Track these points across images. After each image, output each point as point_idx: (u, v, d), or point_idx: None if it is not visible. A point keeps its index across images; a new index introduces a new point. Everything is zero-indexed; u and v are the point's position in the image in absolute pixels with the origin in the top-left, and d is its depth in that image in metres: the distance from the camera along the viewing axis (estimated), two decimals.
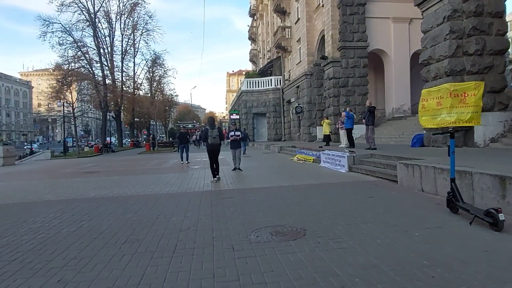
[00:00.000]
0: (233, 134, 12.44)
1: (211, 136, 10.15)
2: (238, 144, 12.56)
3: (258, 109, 37.92)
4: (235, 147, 12.45)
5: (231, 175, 11.22)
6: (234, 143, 12.46)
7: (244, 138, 13.05)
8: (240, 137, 12.57)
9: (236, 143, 12.46)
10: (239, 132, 12.71)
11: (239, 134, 12.58)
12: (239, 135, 12.50)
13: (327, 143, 18.47)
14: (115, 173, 13.50)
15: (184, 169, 13.77)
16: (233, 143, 12.48)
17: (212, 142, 10.19)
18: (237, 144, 12.50)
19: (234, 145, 12.46)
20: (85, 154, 29.24)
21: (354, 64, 22.76)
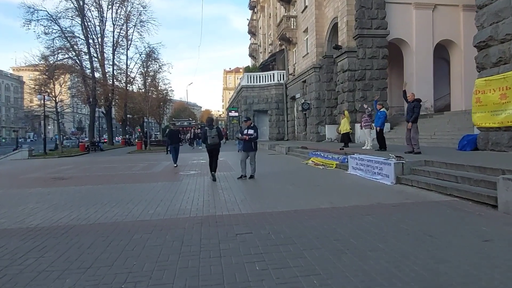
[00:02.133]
0: (247, 133, 9.86)
1: (210, 136, 9.89)
2: (252, 145, 9.89)
3: (259, 106, 35.22)
4: (248, 149, 9.92)
5: (240, 187, 8.51)
6: (247, 144, 9.89)
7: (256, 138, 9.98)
8: (253, 136, 9.84)
9: (249, 144, 9.87)
10: (253, 131, 9.87)
11: (253, 132, 9.84)
12: (252, 134, 9.80)
13: (346, 143, 15.80)
14: (90, 180, 10.74)
15: (177, 176, 10.99)
16: (246, 145, 9.93)
17: (211, 142, 9.93)
18: (250, 146, 9.88)
19: (246, 147, 9.94)
20: (68, 153, 26.37)
21: (372, 55, 20.13)
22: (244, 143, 9.98)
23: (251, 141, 9.81)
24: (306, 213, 5.57)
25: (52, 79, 26.27)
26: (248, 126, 10.00)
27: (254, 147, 9.93)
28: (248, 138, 9.75)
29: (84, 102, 38.74)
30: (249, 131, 9.80)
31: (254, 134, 9.80)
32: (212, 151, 10.06)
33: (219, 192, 7.76)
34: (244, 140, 9.90)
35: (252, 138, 9.78)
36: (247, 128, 9.96)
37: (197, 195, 7.48)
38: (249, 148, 9.84)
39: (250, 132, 9.79)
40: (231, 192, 7.74)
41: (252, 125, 10.04)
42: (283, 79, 34.57)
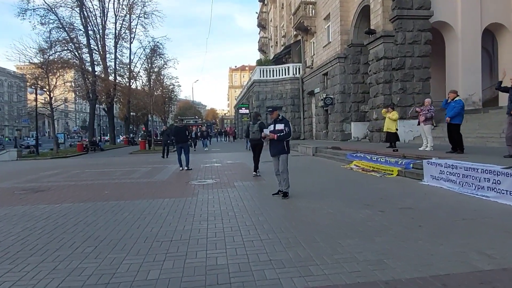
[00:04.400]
0: (273, 130, 6.75)
1: (251, 131, 9.97)
2: (283, 145, 6.69)
3: (272, 102, 32.28)
4: (277, 152, 6.77)
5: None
6: (276, 146, 6.75)
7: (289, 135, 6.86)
8: (284, 133, 6.64)
9: (278, 145, 6.70)
10: (282, 125, 6.69)
11: (283, 128, 6.68)
12: (282, 130, 6.65)
13: (392, 143, 12.93)
14: (74, 193, 7.97)
15: (190, 188, 8.18)
16: (274, 146, 6.79)
17: (252, 137, 10.00)
18: (282, 147, 6.69)
19: (275, 149, 6.80)
20: (64, 154, 23.69)
21: (413, 40, 17.21)
22: (271, 144, 6.84)
23: (283, 140, 6.64)
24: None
25: (46, 71, 23.53)
26: (275, 119, 6.84)
27: (286, 149, 6.72)
28: (277, 136, 6.61)
29: (83, 97, 36.07)
30: (278, 126, 6.68)
31: (285, 129, 6.62)
32: (255, 146, 10.06)
33: (261, 223, 4.92)
34: (270, 140, 6.77)
35: (283, 136, 6.61)
36: (273, 122, 6.82)
37: (229, 229, 4.65)
38: (279, 151, 6.70)
39: (278, 127, 6.66)
40: (280, 221, 4.93)
41: (281, 117, 6.86)
42: (299, 73, 31.69)
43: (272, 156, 6.93)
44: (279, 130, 6.63)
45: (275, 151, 6.78)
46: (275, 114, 6.92)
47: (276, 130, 6.67)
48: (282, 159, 6.66)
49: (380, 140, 17.74)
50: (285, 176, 6.63)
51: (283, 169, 6.62)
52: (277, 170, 6.84)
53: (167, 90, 38.93)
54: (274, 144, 6.74)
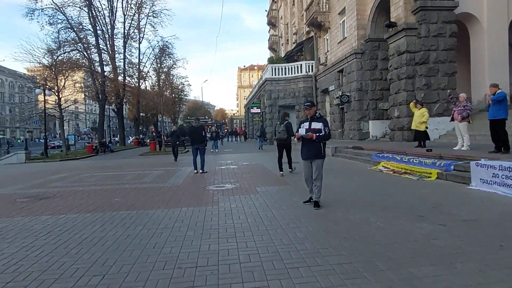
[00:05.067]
0: (308, 129, 5.67)
1: (277, 131, 9.94)
2: (320, 148, 5.67)
3: (285, 100, 31.46)
4: (312, 156, 5.72)
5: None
6: (311, 148, 5.68)
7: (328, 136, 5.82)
8: (324, 134, 5.62)
9: (314, 147, 5.66)
10: (321, 124, 5.67)
11: (321, 127, 5.63)
12: (320, 129, 5.60)
13: (422, 143, 12.00)
14: (81, 201, 7.24)
15: (208, 195, 7.39)
16: (309, 148, 5.71)
17: (278, 137, 10.00)
18: (318, 150, 5.66)
19: (309, 152, 5.71)
20: (73, 156, 23.17)
21: (437, 32, 16.21)
22: (304, 145, 5.75)
23: (321, 141, 5.64)
24: None
25: (54, 71, 23.01)
26: (311, 116, 5.76)
27: (323, 153, 5.72)
28: (316, 136, 5.55)
29: (93, 98, 35.62)
30: (314, 125, 5.61)
31: (325, 129, 5.58)
32: (282, 146, 10.06)
33: (300, 241, 4.09)
34: (302, 140, 5.73)
35: (323, 137, 5.60)
36: (309, 120, 5.76)
37: (264, 249, 3.83)
38: (315, 154, 5.64)
39: (315, 125, 5.59)
40: (322, 238, 4.12)
41: (318, 114, 5.85)
42: (312, 71, 30.76)
43: (304, 159, 5.85)
44: (316, 129, 5.57)
45: (309, 154, 5.71)
46: (312, 111, 5.78)
47: (312, 129, 5.60)
48: (318, 164, 5.67)
49: (402, 139, 16.77)
50: (318, 184, 5.67)
51: (317, 175, 5.64)
52: (308, 176, 5.84)
53: (177, 89, 38.30)
54: (308, 146, 5.65)
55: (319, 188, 5.71)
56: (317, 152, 5.66)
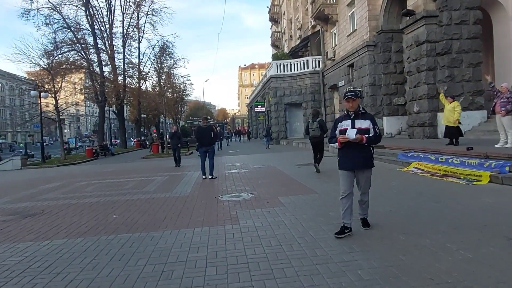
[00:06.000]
0: (351, 127, 4.16)
1: (311, 128, 9.85)
2: (366, 156, 4.24)
3: (291, 98, 30.30)
4: (358, 165, 4.24)
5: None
6: (356, 154, 4.17)
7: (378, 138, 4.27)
8: (375, 135, 4.17)
9: (359, 154, 4.18)
10: (368, 121, 4.21)
11: (368, 126, 4.18)
12: (368, 129, 4.16)
13: (453, 140, 10.80)
14: (73, 218, 6.09)
15: (223, 208, 6.24)
16: (352, 154, 4.18)
17: (312, 134, 9.88)
18: (364, 157, 4.21)
19: (354, 159, 4.20)
20: (72, 160, 22.05)
21: (460, 19, 15.01)
22: (345, 151, 4.23)
23: (371, 145, 4.26)
24: None
25: (51, 73, 21.88)
26: (355, 111, 4.23)
27: (371, 160, 4.31)
28: (365, 138, 4.08)
29: (92, 100, 34.52)
30: (360, 123, 4.17)
31: (375, 129, 4.19)
32: (315, 144, 9.96)
33: (368, 286, 2.92)
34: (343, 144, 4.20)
35: (374, 140, 4.18)
36: (351, 117, 4.24)
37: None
38: (364, 162, 4.23)
39: (362, 124, 4.16)
40: (396, 280, 2.93)
41: (362, 109, 4.33)
42: (318, 66, 29.58)
43: (345, 169, 4.25)
44: (363, 130, 4.12)
45: (356, 162, 4.18)
46: (356, 103, 4.23)
47: (357, 127, 4.14)
48: (367, 176, 4.30)
49: (423, 136, 15.57)
50: (366, 199, 4.41)
51: (366, 190, 4.35)
52: (347, 191, 4.21)
53: (179, 89, 37.15)
54: (354, 152, 4.13)
55: (367, 204, 4.46)
56: (366, 159, 4.23)
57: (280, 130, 30.99)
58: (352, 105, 4.25)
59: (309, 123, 10.18)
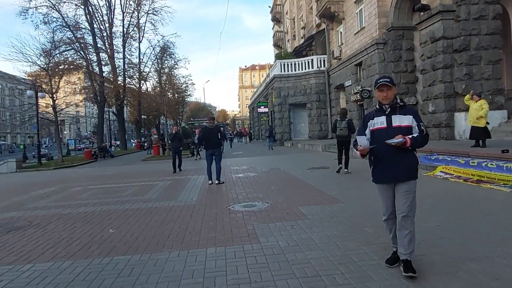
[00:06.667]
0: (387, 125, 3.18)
1: (339, 127, 9.71)
2: (408, 163, 3.15)
3: (295, 98, 29.45)
4: (400, 176, 3.14)
5: None
6: (391, 161, 3.14)
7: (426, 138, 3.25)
8: (421, 134, 3.11)
9: (400, 160, 3.12)
10: (410, 117, 3.15)
11: (412, 122, 3.13)
12: (410, 127, 3.12)
13: (480, 141, 9.98)
14: (59, 236, 5.22)
15: (237, 221, 5.43)
16: (387, 161, 3.16)
17: (339, 133, 9.68)
18: (405, 165, 3.14)
19: (394, 168, 3.13)
20: (70, 163, 21.23)
21: (479, 14, 14.20)
22: (380, 158, 3.22)
23: (415, 149, 3.21)
24: None
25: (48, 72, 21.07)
26: (390, 103, 3.22)
27: (415, 169, 3.25)
28: (409, 140, 3.05)
29: (91, 100, 33.71)
30: (398, 119, 3.16)
31: (419, 127, 3.15)
32: (342, 143, 9.76)
33: None
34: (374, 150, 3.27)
35: (419, 141, 3.13)
36: (386, 111, 3.22)
37: None
38: (406, 172, 3.15)
39: (402, 121, 3.15)
40: None
41: (401, 102, 3.28)
42: (324, 66, 28.77)
43: (381, 182, 3.28)
44: (403, 128, 3.11)
45: (396, 172, 3.14)
46: (392, 93, 3.22)
47: (395, 128, 3.12)
48: (409, 190, 3.13)
49: (440, 137, 14.74)
50: (409, 225, 3.09)
51: (408, 210, 3.10)
52: (389, 210, 3.27)
53: (180, 89, 36.37)
54: (392, 159, 3.13)
55: (412, 235, 3.11)
56: (408, 167, 3.15)
57: (284, 131, 30.16)
58: (387, 95, 3.18)
59: (337, 121, 9.99)
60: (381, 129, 3.20)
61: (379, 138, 3.18)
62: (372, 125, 3.29)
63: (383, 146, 3.12)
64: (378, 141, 3.18)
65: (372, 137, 3.28)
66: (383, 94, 3.23)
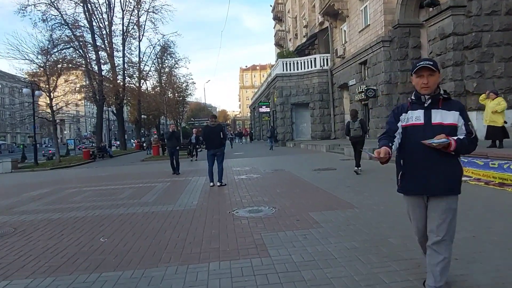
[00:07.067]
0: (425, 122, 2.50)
1: (352, 128, 9.72)
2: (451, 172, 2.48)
3: (298, 98, 28.94)
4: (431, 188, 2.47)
5: None
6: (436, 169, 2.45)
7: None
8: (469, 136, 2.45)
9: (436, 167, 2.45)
10: (457, 113, 2.48)
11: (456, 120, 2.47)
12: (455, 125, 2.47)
13: (497, 142, 9.46)
14: (44, 246, 4.69)
15: (244, 231, 4.93)
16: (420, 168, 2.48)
17: (353, 134, 9.67)
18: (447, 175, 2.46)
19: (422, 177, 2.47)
20: (67, 163, 20.72)
21: (491, 10, 13.69)
22: (413, 164, 2.51)
23: (459, 154, 2.51)
24: None
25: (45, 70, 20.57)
26: (431, 93, 2.50)
27: (458, 181, 2.53)
28: (454, 142, 2.37)
29: (90, 99, 33.20)
30: (441, 115, 2.47)
31: (467, 127, 2.47)
32: (356, 143, 9.69)
33: None
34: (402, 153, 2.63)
35: (466, 144, 2.43)
36: (423, 104, 2.52)
37: None
38: (444, 184, 2.45)
39: (443, 117, 2.47)
40: None
41: (445, 93, 2.56)
42: (327, 64, 28.25)
43: (413, 194, 2.62)
44: (447, 127, 2.45)
45: (433, 183, 2.47)
46: (434, 81, 2.51)
47: (437, 126, 2.46)
48: (448, 207, 2.49)
49: None
50: (443, 251, 2.46)
51: (445, 232, 2.46)
52: (422, 229, 2.63)
53: (180, 89, 35.90)
54: (430, 164, 2.46)
55: (446, 263, 2.47)
56: (448, 180, 2.48)
57: (286, 132, 29.63)
58: (427, 83, 2.46)
59: (350, 123, 9.91)
60: (416, 125, 2.51)
61: (413, 137, 2.50)
62: (405, 120, 2.58)
63: (418, 148, 2.45)
64: (411, 141, 2.51)
65: (404, 135, 2.57)
66: (422, 81, 2.48)
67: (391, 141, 2.55)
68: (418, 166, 2.49)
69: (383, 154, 2.41)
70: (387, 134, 2.62)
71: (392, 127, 2.64)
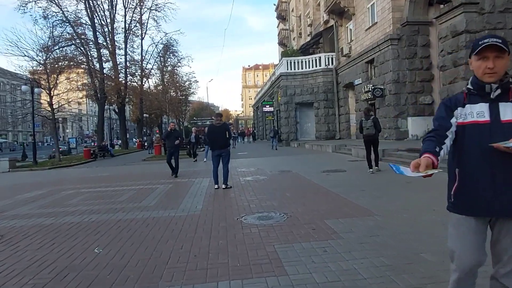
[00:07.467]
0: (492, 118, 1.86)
1: (365, 127, 9.61)
2: None
3: (302, 97, 28.48)
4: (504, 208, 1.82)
5: None
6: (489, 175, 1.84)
7: None
8: None
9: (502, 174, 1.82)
10: None
11: None
12: None
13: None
14: (31, 258, 4.21)
15: (255, 242, 4.42)
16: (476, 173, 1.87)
17: (366, 132, 9.58)
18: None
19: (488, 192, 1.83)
20: (68, 162, 20.29)
21: (504, 7, 13.28)
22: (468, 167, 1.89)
23: None
24: None
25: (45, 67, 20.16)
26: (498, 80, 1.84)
27: None
28: None
29: (91, 98, 32.80)
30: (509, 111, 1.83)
31: None
32: (369, 141, 9.63)
33: None
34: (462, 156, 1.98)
35: None
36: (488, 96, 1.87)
37: None
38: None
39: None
40: None
41: None
42: (332, 63, 27.76)
43: (475, 214, 1.90)
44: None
45: (505, 200, 1.81)
46: (502, 66, 1.82)
47: (505, 123, 1.82)
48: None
49: None
50: None
51: None
52: (466, 261, 1.91)
53: (183, 87, 35.48)
54: (500, 174, 1.82)
55: None
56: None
57: (290, 131, 29.15)
58: (494, 67, 1.82)
59: (362, 121, 9.83)
60: (480, 124, 1.87)
61: (474, 139, 1.88)
62: (463, 116, 1.93)
63: (482, 153, 1.85)
64: (472, 144, 1.88)
65: (461, 135, 1.93)
66: (487, 65, 1.83)
67: (439, 144, 1.86)
68: (483, 179, 1.86)
69: (423, 168, 1.68)
70: (436, 133, 1.92)
71: (443, 124, 1.94)
